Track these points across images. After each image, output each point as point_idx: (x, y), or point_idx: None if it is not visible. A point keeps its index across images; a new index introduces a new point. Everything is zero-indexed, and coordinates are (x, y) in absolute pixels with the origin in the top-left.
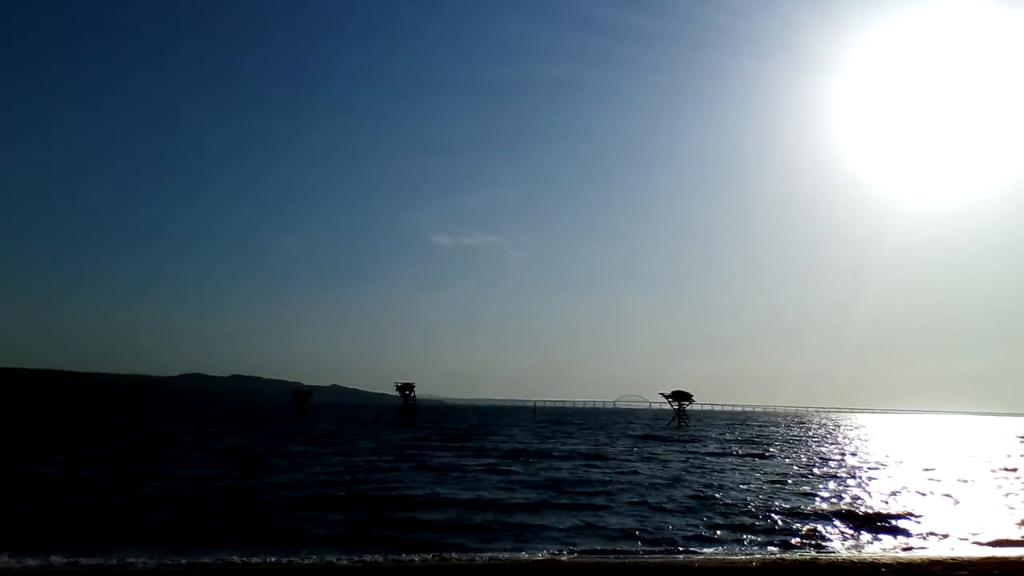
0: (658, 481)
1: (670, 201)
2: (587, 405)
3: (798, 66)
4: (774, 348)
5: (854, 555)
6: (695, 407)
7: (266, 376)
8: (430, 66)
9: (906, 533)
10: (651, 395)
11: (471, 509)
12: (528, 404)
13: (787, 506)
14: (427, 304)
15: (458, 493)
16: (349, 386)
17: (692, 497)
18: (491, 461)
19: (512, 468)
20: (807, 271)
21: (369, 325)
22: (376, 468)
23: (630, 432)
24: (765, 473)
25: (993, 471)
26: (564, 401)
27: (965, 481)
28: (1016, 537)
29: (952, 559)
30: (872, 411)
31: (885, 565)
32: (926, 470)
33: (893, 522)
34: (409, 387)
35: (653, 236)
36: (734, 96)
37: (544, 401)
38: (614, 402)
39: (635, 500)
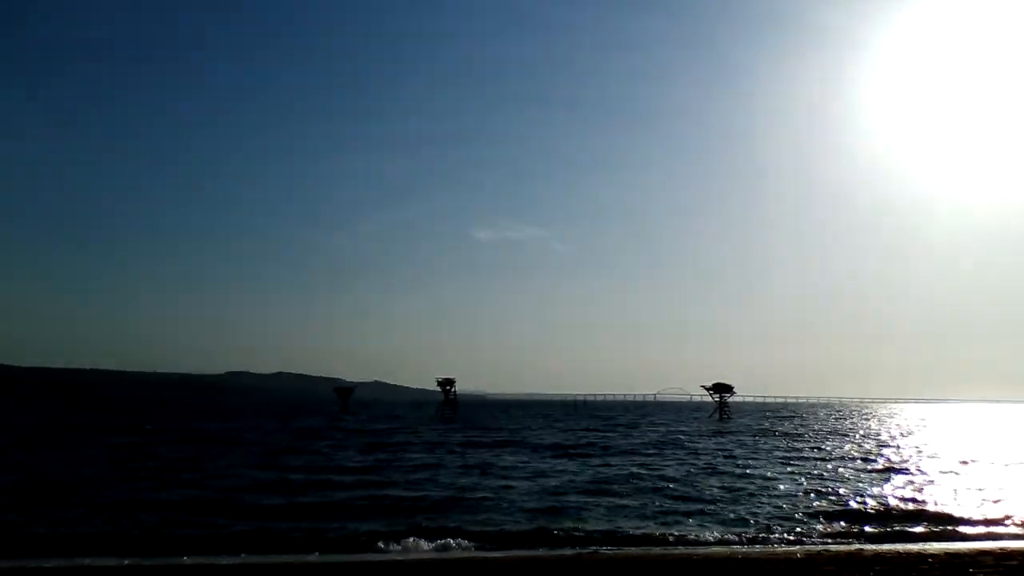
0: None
1: (713, 191)
2: (628, 398)
3: (854, 52)
4: (820, 338)
5: (899, 547)
6: (736, 399)
7: (311, 373)
8: (472, 56)
9: (954, 523)
10: (692, 388)
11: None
12: (568, 398)
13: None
14: (469, 299)
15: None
16: (391, 382)
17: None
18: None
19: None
20: (854, 260)
21: (411, 321)
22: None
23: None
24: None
25: None
26: (605, 394)
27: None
28: None
29: (1002, 550)
30: (922, 401)
31: (932, 556)
32: (978, 461)
33: (940, 512)
34: (450, 382)
35: (695, 228)
36: (784, 80)
37: (585, 395)
38: (655, 395)
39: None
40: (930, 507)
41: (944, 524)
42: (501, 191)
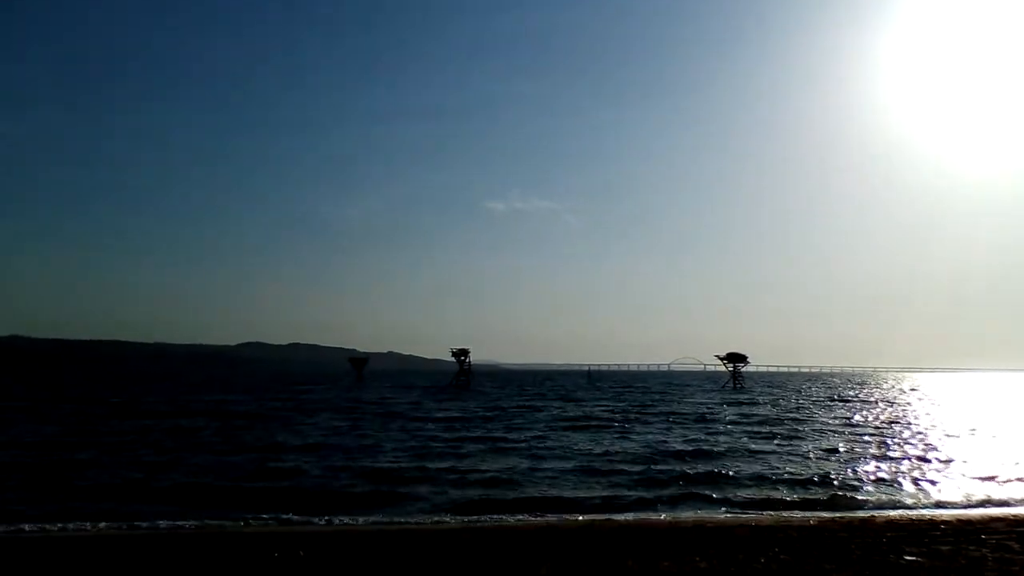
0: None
1: (726, 168)
2: (642, 368)
3: (865, 48)
4: (830, 311)
5: (913, 513)
6: (750, 368)
7: (324, 344)
8: (484, 28)
9: (967, 490)
10: (706, 357)
11: None
12: (583, 367)
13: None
14: (482, 270)
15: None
16: (405, 352)
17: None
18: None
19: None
20: (866, 234)
21: (425, 292)
22: None
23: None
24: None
25: None
26: (619, 365)
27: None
28: None
29: (1015, 516)
30: (937, 370)
31: (944, 522)
32: (981, 431)
33: (951, 479)
34: (464, 352)
35: (709, 202)
36: (801, 62)
37: (599, 365)
38: (668, 365)
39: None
40: (942, 473)
41: (958, 491)
42: (513, 164)
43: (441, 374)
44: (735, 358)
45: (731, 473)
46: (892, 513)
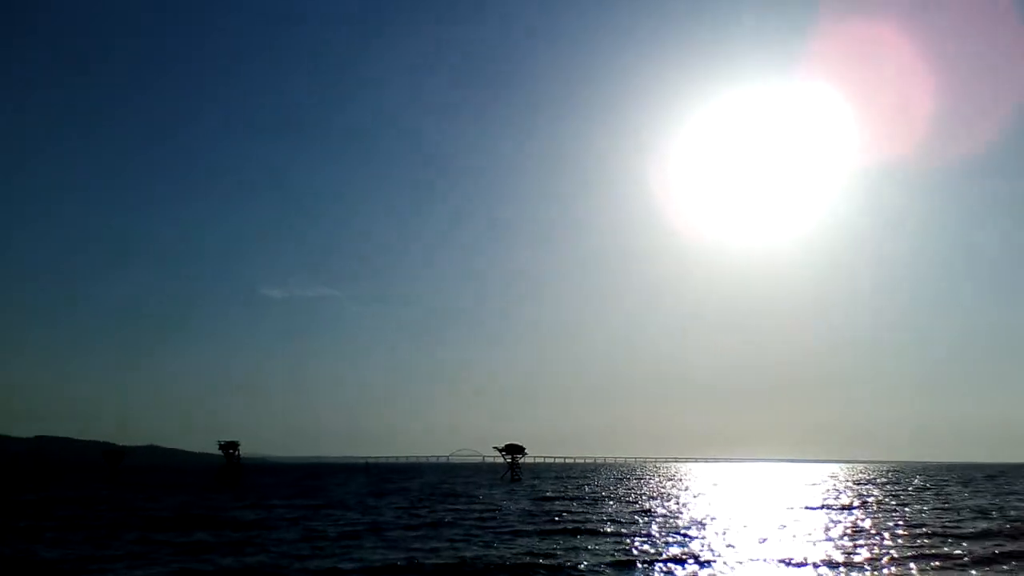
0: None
1: (507, 257)
2: (421, 460)
3: (632, 129)
4: (608, 400)
5: None
6: (527, 460)
7: (77, 437)
8: (262, 104)
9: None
10: (484, 449)
11: None
12: (359, 460)
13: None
14: (256, 359)
15: None
16: (168, 446)
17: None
18: None
19: None
20: (641, 324)
21: (191, 381)
22: None
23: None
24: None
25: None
26: (398, 457)
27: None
28: None
29: None
30: (711, 460)
31: None
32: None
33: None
34: (233, 445)
35: (489, 290)
36: (577, 149)
37: (377, 457)
38: (448, 456)
39: None
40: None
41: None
42: (293, 249)
43: (207, 469)
44: (513, 449)
45: None
46: None
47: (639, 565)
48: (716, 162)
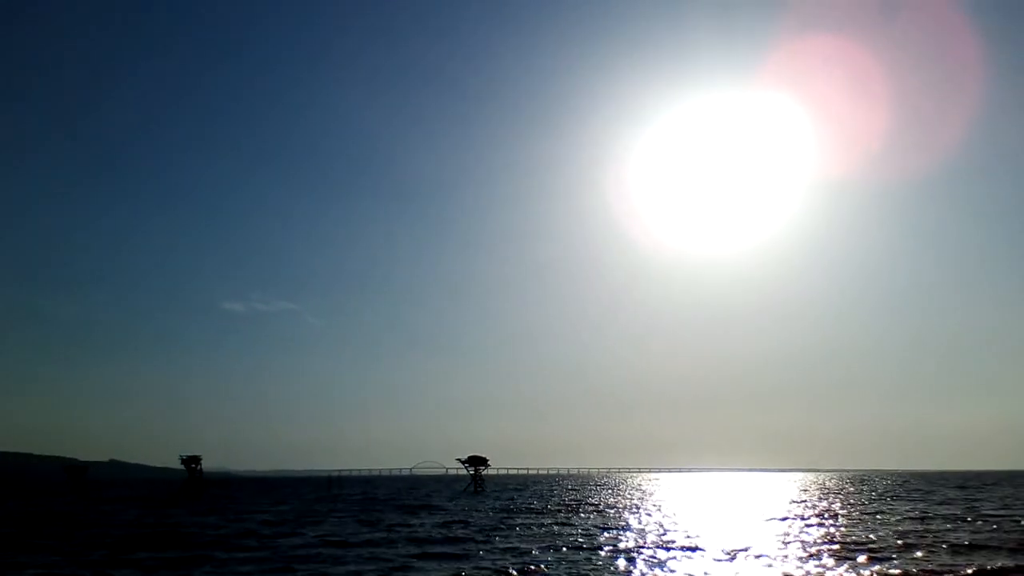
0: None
1: (468, 268)
2: (384, 472)
3: (591, 137)
4: (571, 410)
5: None
6: (491, 471)
7: (36, 452)
8: (224, 119)
9: None
10: (448, 461)
11: None
12: (322, 473)
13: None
14: (216, 373)
15: None
16: (130, 460)
17: None
18: None
19: None
20: (601, 333)
21: (152, 395)
22: None
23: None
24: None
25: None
26: (361, 469)
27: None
28: None
29: None
30: (673, 470)
31: None
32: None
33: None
34: (195, 460)
35: (450, 301)
36: (532, 158)
37: (340, 470)
38: (411, 468)
39: None
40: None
41: None
42: (252, 263)
43: (169, 483)
44: (476, 461)
45: None
46: None
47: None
48: (675, 170)
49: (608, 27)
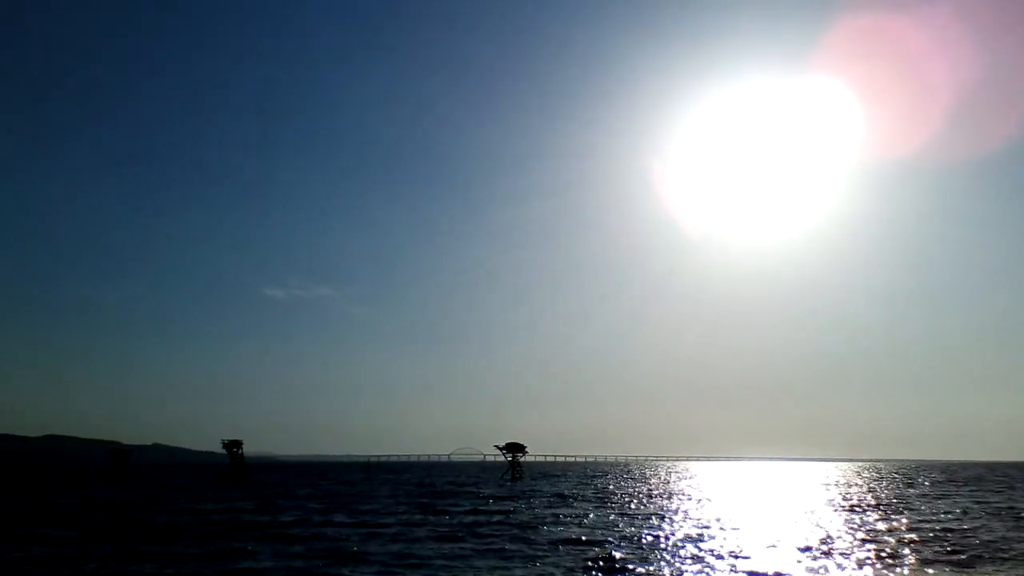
0: None
1: (505, 258)
2: (422, 458)
3: (635, 125)
4: (610, 399)
5: None
6: (528, 459)
7: (83, 436)
8: (263, 108)
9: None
10: (485, 447)
11: None
12: (361, 458)
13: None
14: (258, 358)
15: None
16: (173, 444)
17: None
18: None
19: None
20: (641, 322)
21: (195, 380)
22: None
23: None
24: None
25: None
26: (399, 455)
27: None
28: None
29: None
30: (711, 459)
31: None
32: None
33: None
34: (236, 444)
35: (488, 289)
36: (576, 145)
37: (379, 456)
38: (449, 455)
39: None
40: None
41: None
42: (293, 249)
43: (211, 466)
44: (514, 448)
45: None
46: None
47: None
48: (721, 158)
49: (656, 11)
